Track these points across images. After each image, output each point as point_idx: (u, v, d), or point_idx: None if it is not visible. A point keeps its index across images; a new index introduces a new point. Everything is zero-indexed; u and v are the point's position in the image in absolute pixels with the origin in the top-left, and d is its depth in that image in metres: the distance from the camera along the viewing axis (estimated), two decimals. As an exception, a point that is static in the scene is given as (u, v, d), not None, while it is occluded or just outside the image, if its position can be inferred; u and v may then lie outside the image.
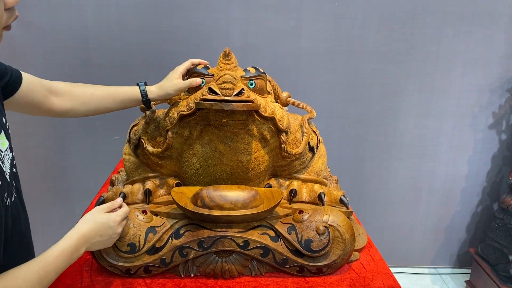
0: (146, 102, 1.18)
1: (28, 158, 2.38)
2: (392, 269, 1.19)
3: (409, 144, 2.46)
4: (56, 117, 1.19)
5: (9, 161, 0.90)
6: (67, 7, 2.15)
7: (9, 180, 0.87)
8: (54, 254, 0.89)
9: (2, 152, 0.87)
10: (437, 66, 2.32)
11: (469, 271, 2.59)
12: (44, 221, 2.53)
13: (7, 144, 0.91)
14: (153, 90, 1.18)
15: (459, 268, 2.76)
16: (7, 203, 0.85)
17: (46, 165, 2.43)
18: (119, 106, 1.20)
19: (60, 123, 2.35)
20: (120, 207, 1.05)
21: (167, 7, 2.17)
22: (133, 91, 1.18)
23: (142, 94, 1.17)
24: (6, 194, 0.84)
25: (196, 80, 1.13)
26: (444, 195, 2.59)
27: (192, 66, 1.19)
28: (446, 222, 2.65)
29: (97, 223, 0.97)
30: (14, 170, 0.95)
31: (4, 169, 0.86)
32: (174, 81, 1.15)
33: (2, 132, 0.90)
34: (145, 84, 1.19)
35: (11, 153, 0.93)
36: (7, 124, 0.94)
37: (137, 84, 1.19)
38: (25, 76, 1.08)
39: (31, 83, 1.09)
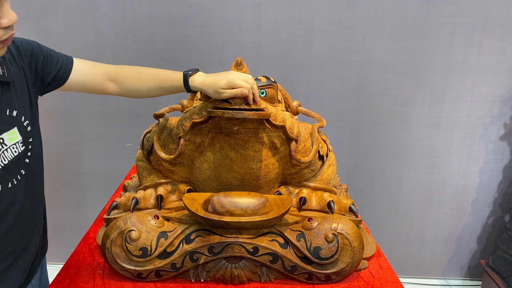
0: (189, 91, 1.17)
1: (42, 163, 2.42)
2: (402, 280, 1.19)
3: (420, 154, 2.46)
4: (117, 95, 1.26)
5: (15, 153, 0.97)
6: (83, 17, 2.21)
7: (1, 169, 0.94)
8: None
9: (7, 145, 0.94)
10: (448, 77, 2.32)
11: (480, 283, 2.56)
12: (56, 226, 2.57)
13: (18, 138, 0.98)
14: (195, 85, 1.14)
15: (470, 279, 2.73)
16: None
17: (60, 171, 2.47)
18: (164, 91, 1.20)
19: (74, 130, 2.39)
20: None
21: (180, 17, 2.21)
22: (178, 81, 1.16)
23: (184, 85, 1.15)
24: None
25: (244, 92, 1.07)
26: (455, 206, 2.57)
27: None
28: (457, 233, 2.63)
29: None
30: (27, 160, 1.03)
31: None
32: (219, 89, 1.09)
33: (15, 128, 0.97)
34: (194, 71, 1.16)
35: (23, 147, 1.00)
36: (25, 122, 1.01)
37: (184, 73, 1.16)
38: (78, 65, 1.16)
39: (83, 73, 1.16)
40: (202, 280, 1.12)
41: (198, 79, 1.13)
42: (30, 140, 1.03)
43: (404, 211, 2.58)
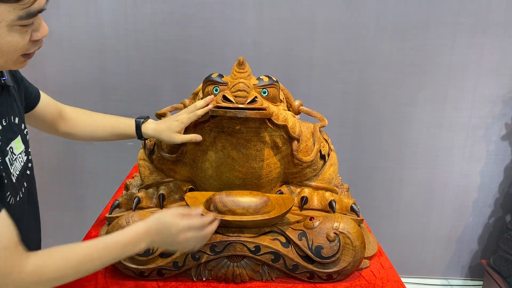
0: (140, 138, 1.22)
1: (42, 163, 2.43)
2: (403, 279, 1.19)
3: (421, 154, 2.46)
4: (57, 136, 1.25)
5: (21, 164, 0.93)
6: (85, 15, 2.21)
7: (15, 181, 0.88)
8: (105, 242, 0.86)
9: (15, 155, 0.90)
10: (450, 77, 2.32)
11: (481, 283, 2.56)
12: (57, 226, 2.57)
13: (22, 147, 0.94)
14: (148, 133, 1.19)
15: (471, 279, 2.73)
16: (10, 202, 0.87)
17: (60, 170, 2.47)
18: (115, 138, 1.24)
19: (76, 128, 2.40)
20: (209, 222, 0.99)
21: (182, 17, 2.21)
22: (130, 129, 1.21)
23: (137, 133, 1.21)
24: (9, 193, 0.85)
25: (197, 137, 1.14)
26: (456, 205, 2.57)
27: (197, 119, 1.15)
28: (458, 233, 2.63)
29: (159, 223, 0.92)
30: (28, 172, 0.99)
31: (12, 171, 0.87)
32: (173, 134, 1.15)
33: (19, 136, 0.93)
34: (146, 119, 1.21)
35: (25, 157, 0.96)
36: (25, 130, 0.99)
37: (136, 121, 1.21)
38: (43, 96, 1.14)
39: (46, 104, 1.15)
40: (204, 279, 1.13)
41: (150, 127, 1.19)
42: (29, 150, 0.99)
43: (405, 211, 2.58)
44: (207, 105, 1.12)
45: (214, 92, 1.15)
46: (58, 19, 2.22)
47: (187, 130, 1.18)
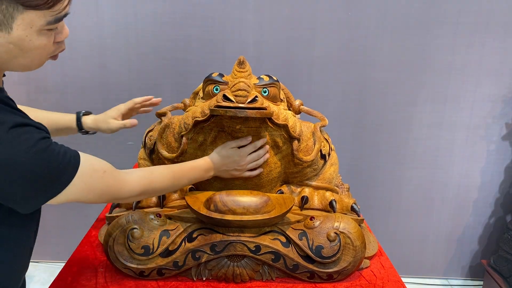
0: (82, 132, 1.27)
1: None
2: (403, 279, 1.19)
3: (422, 154, 2.46)
4: None
5: None
6: (85, 16, 2.21)
7: None
8: (189, 166, 1.11)
9: None
10: (450, 77, 2.32)
11: (481, 283, 2.56)
12: (59, 225, 2.57)
13: None
14: (87, 122, 1.27)
15: (471, 279, 2.73)
16: None
17: (62, 169, 2.47)
18: (59, 134, 1.26)
19: (76, 128, 2.39)
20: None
21: (182, 16, 2.21)
22: (70, 121, 1.26)
23: (77, 126, 1.26)
24: None
25: (132, 122, 1.25)
26: (457, 205, 2.57)
27: (136, 105, 1.31)
28: (458, 232, 2.63)
29: (223, 157, 1.15)
30: None
31: None
32: (109, 120, 1.25)
33: None
34: (86, 113, 1.28)
35: None
36: None
37: (77, 113, 1.27)
38: None
39: None
40: (204, 279, 1.12)
41: (90, 117, 1.28)
42: None
43: (406, 211, 2.58)
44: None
45: (215, 91, 1.15)
46: (58, 18, 2.21)
47: (189, 132, 1.18)
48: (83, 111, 1.28)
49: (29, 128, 0.74)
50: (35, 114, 1.23)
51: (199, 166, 1.12)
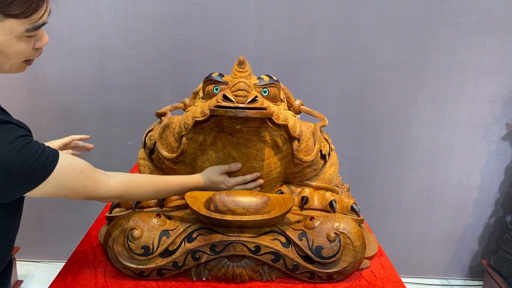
0: None
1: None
2: (403, 279, 1.19)
3: (422, 154, 2.46)
4: None
5: None
6: (86, 14, 2.21)
7: None
8: (173, 182, 1.15)
9: None
10: (450, 77, 2.32)
11: (481, 283, 2.56)
12: (59, 225, 2.57)
13: None
14: None
15: (471, 280, 2.73)
16: None
17: (62, 169, 2.47)
18: None
19: (75, 128, 2.39)
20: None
21: (182, 16, 2.21)
22: None
23: None
24: None
25: None
26: (457, 205, 2.57)
27: (71, 141, 1.34)
28: (458, 233, 2.63)
29: (212, 182, 1.19)
30: None
31: None
32: None
33: None
34: None
35: None
36: None
37: None
38: None
39: None
40: (203, 279, 1.12)
41: None
42: None
43: (406, 211, 2.58)
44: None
45: (215, 91, 1.15)
46: (58, 19, 2.21)
47: (189, 132, 1.18)
48: None
49: (10, 126, 0.82)
50: None
51: (183, 184, 1.16)
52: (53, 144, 1.28)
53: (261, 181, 1.24)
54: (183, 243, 1.10)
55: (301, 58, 2.28)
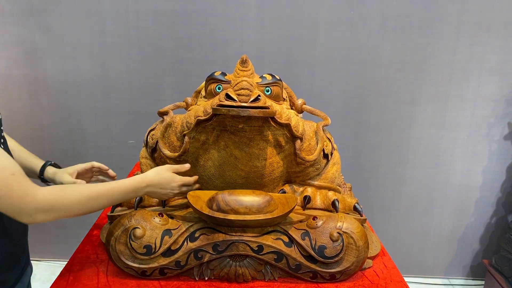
0: (41, 179, 1.23)
1: (45, 160, 2.42)
2: (404, 279, 1.19)
3: (424, 153, 2.46)
4: None
5: None
6: (86, 13, 2.20)
7: None
8: (113, 185, 1.04)
9: None
10: (452, 76, 2.31)
11: (483, 282, 2.56)
12: (60, 223, 2.56)
13: None
14: (49, 173, 1.23)
15: (473, 279, 2.72)
16: None
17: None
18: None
19: (77, 127, 2.39)
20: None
21: (183, 15, 2.21)
22: (36, 165, 1.23)
23: (40, 171, 1.23)
24: None
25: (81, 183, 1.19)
26: (458, 205, 2.57)
27: (93, 169, 1.29)
28: (460, 232, 2.63)
29: (161, 178, 1.12)
30: None
31: None
32: (64, 174, 1.21)
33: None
34: (53, 165, 1.25)
35: None
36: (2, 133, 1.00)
37: (46, 161, 1.25)
38: None
39: None
40: (206, 278, 1.12)
41: (52, 169, 1.23)
42: None
43: (407, 210, 2.57)
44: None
45: (217, 90, 1.15)
46: (59, 16, 2.21)
47: (191, 131, 1.17)
48: (52, 162, 1.25)
49: None
50: (13, 145, 1.21)
51: (123, 187, 1.05)
52: (75, 167, 1.25)
53: (197, 185, 1.22)
54: (185, 243, 1.09)
55: (302, 57, 2.27)
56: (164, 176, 1.13)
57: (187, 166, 1.20)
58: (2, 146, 0.97)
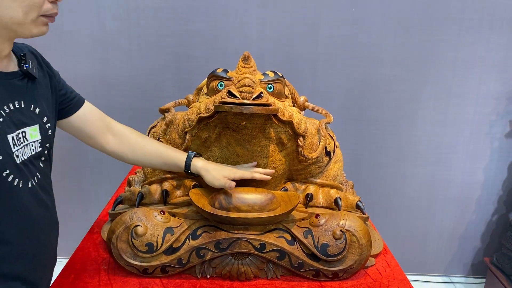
0: (187, 172, 1.17)
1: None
2: (407, 277, 1.18)
3: (425, 151, 2.45)
4: (104, 153, 1.21)
5: (32, 152, 0.93)
6: (87, 9, 2.19)
7: (19, 163, 0.88)
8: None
9: (28, 140, 0.91)
10: (454, 74, 2.31)
11: (484, 280, 2.55)
12: (60, 221, 2.55)
13: (38, 137, 0.95)
14: (196, 165, 1.15)
15: (474, 277, 2.72)
16: (18, 185, 0.88)
17: (64, 165, 2.46)
18: (162, 166, 1.20)
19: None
20: None
21: (185, 11, 2.19)
22: (180, 159, 1.16)
23: (185, 165, 1.16)
24: (8, 171, 0.85)
25: (231, 185, 1.09)
26: (460, 203, 2.56)
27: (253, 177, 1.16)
28: (461, 230, 2.62)
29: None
30: (41, 165, 0.99)
31: (15, 151, 0.86)
32: (218, 175, 1.11)
33: (37, 125, 0.94)
34: (196, 155, 1.18)
35: (40, 148, 0.96)
36: (47, 124, 0.99)
37: (188, 153, 1.18)
38: (87, 105, 1.16)
39: (90, 113, 1.15)
40: (208, 276, 1.12)
41: (200, 161, 1.15)
42: (47, 145, 0.99)
43: (408, 208, 2.57)
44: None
45: (219, 87, 1.14)
46: (59, 13, 2.19)
47: (193, 128, 1.16)
48: (194, 153, 1.18)
49: None
50: (146, 143, 1.20)
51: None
52: (233, 174, 1.12)
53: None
54: (187, 240, 1.09)
55: (304, 54, 2.26)
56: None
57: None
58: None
